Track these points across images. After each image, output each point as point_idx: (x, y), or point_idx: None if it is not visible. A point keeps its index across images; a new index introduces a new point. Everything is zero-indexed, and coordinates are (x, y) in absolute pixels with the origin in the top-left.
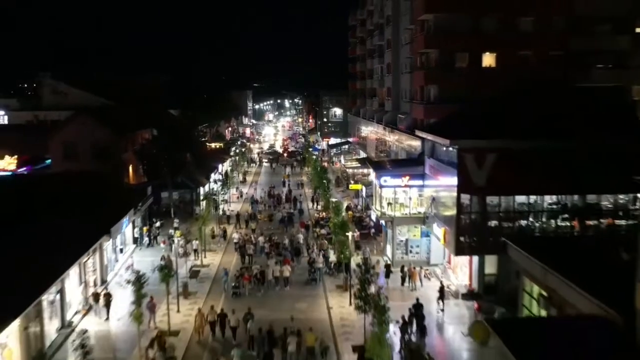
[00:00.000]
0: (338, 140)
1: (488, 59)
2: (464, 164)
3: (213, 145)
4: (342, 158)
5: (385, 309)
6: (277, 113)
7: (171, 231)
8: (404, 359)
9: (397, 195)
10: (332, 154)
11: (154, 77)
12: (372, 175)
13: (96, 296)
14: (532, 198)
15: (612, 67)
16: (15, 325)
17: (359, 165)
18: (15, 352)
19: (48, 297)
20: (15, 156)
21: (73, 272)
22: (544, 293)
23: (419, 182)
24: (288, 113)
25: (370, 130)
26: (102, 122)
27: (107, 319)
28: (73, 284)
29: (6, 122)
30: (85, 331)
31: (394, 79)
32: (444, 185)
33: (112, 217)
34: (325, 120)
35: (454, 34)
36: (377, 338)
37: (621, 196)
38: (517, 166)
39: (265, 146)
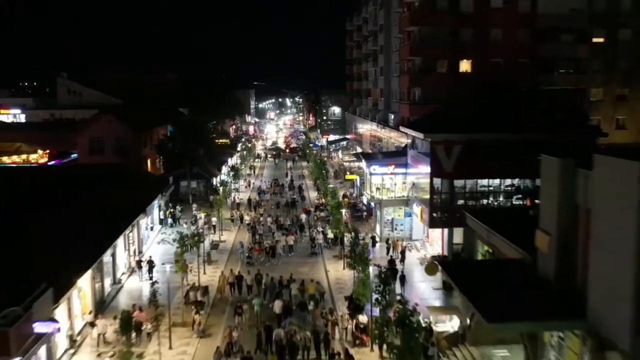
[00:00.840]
0: (337, 137)
1: (464, 65)
2: (436, 153)
3: (219, 141)
4: (339, 153)
5: (367, 260)
6: (278, 111)
7: (195, 212)
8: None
9: (385, 181)
10: (331, 149)
11: (159, 74)
12: (364, 165)
13: (139, 263)
14: (492, 181)
15: (572, 72)
16: (87, 275)
17: (355, 159)
18: (87, 295)
19: (105, 258)
20: (47, 151)
21: (120, 241)
22: (489, 249)
23: (403, 170)
24: (289, 111)
25: (365, 128)
26: (124, 120)
27: (151, 278)
28: (120, 251)
29: (23, 120)
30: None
31: (386, 81)
32: (422, 172)
33: (145, 200)
34: (325, 118)
35: (435, 43)
36: (361, 282)
37: None
38: (479, 155)
39: (268, 143)
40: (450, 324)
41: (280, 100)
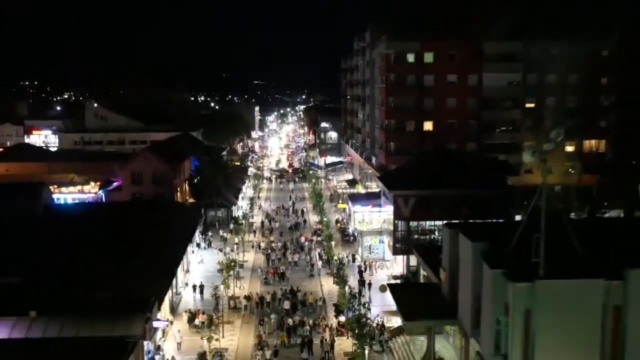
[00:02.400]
0: (334, 159)
1: (427, 125)
2: (397, 202)
3: (231, 161)
4: (335, 179)
5: (345, 278)
6: (280, 121)
7: (224, 235)
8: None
9: (364, 216)
10: (328, 170)
11: (175, 92)
12: (350, 204)
13: (194, 287)
14: (436, 223)
15: (509, 130)
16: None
17: (347, 185)
18: (166, 302)
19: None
20: (99, 182)
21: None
22: (424, 273)
23: (378, 209)
24: (290, 120)
25: (356, 158)
26: (160, 156)
27: (202, 298)
28: (178, 271)
29: (57, 141)
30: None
31: (371, 127)
32: (390, 213)
33: (190, 229)
34: (322, 137)
35: (404, 110)
36: (342, 294)
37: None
38: (427, 205)
39: (273, 160)
40: (396, 321)
41: (281, 111)
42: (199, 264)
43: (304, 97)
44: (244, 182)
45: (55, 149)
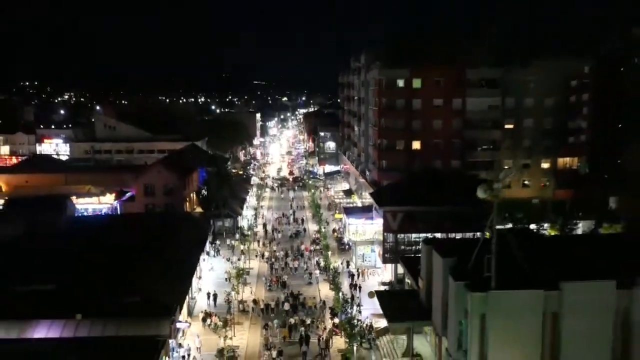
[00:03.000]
0: (332, 167)
1: (415, 145)
2: (386, 217)
3: (234, 170)
4: (332, 190)
5: (339, 285)
6: (280, 126)
7: (232, 243)
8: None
9: (358, 228)
10: (327, 180)
11: (180, 100)
12: (344, 216)
13: (208, 295)
14: (421, 235)
15: (490, 149)
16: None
17: (343, 195)
18: (184, 306)
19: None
20: (114, 194)
21: None
22: (408, 281)
23: (370, 222)
24: (290, 125)
25: (353, 169)
26: (170, 169)
27: (215, 305)
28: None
29: (67, 150)
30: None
31: (365, 142)
32: (381, 225)
33: (202, 239)
34: (322, 146)
35: (395, 130)
36: (336, 299)
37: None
38: (413, 220)
39: (274, 167)
40: (383, 322)
41: (282, 117)
42: (209, 271)
43: (303, 98)
44: (248, 192)
45: (67, 157)
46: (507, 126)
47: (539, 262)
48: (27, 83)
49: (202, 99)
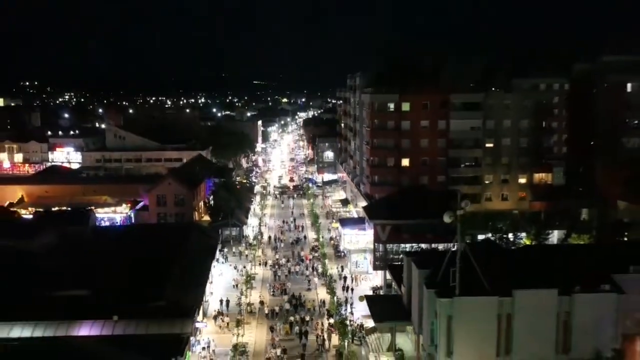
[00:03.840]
0: (331, 176)
1: (404, 162)
2: (376, 229)
3: (239, 178)
4: (330, 199)
5: (334, 288)
6: (280, 131)
7: (241, 249)
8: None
9: (352, 238)
10: (326, 188)
11: (185, 109)
12: (340, 227)
13: (221, 301)
14: (406, 245)
15: (472, 165)
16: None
17: (340, 205)
18: (200, 311)
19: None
20: (129, 204)
21: None
22: (395, 287)
23: (363, 232)
24: (290, 129)
25: (349, 179)
26: (180, 181)
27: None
28: None
29: (79, 158)
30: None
31: (360, 157)
32: (372, 236)
33: (213, 247)
34: (320, 155)
35: (385, 149)
36: (332, 302)
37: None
38: (400, 231)
39: (276, 174)
40: (371, 322)
41: (282, 122)
42: (219, 276)
43: (303, 99)
44: (252, 201)
45: (78, 165)
46: (487, 145)
47: (498, 272)
48: (27, 83)
49: (202, 100)
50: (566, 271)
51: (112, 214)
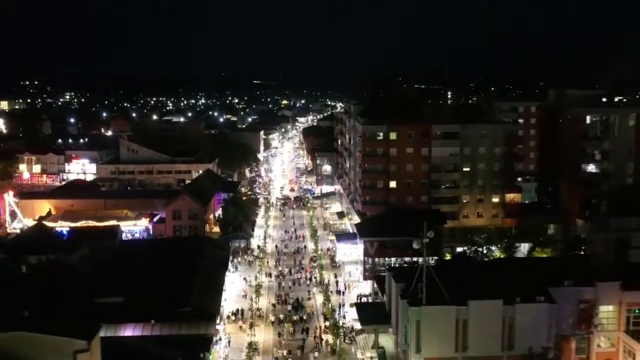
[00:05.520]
0: (328, 188)
1: (392, 184)
2: (365, 246)
3: (244, 192)
4: (328, 212)
5: (329, 294)
6: (281, 137)
7: (250, 259)
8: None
9: (346, 251)
10: (324, 200)
11: (193, 124)
12: (335, 241)
13: (236, 311)
14: (391, 259)
15: (452, 187)
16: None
17: (337, 217)
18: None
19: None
20: (147, 217)
21: None
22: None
23: (355, 246)
24: (290, 134)
25: (344, 194)
26: (194, 197)
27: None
28: None
29: (93, 169)
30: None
31: (354, 176)
32: (363, 249)
33: (225, 259)
34: (319, 168)
35: (375, 172)
36: (328, 307)
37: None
38: (385, 247)
39: (278, 185)
40: (360, 325)
41: (283, 130)
42: (230, 285)
43: (302, 101)
44: (257, 214)
45: (93, 176)
46: (464, 169)
47: (460, 284)
48: (27, 82)
49: (202, 100)
50: (514, 283)
51: (132, 227)
